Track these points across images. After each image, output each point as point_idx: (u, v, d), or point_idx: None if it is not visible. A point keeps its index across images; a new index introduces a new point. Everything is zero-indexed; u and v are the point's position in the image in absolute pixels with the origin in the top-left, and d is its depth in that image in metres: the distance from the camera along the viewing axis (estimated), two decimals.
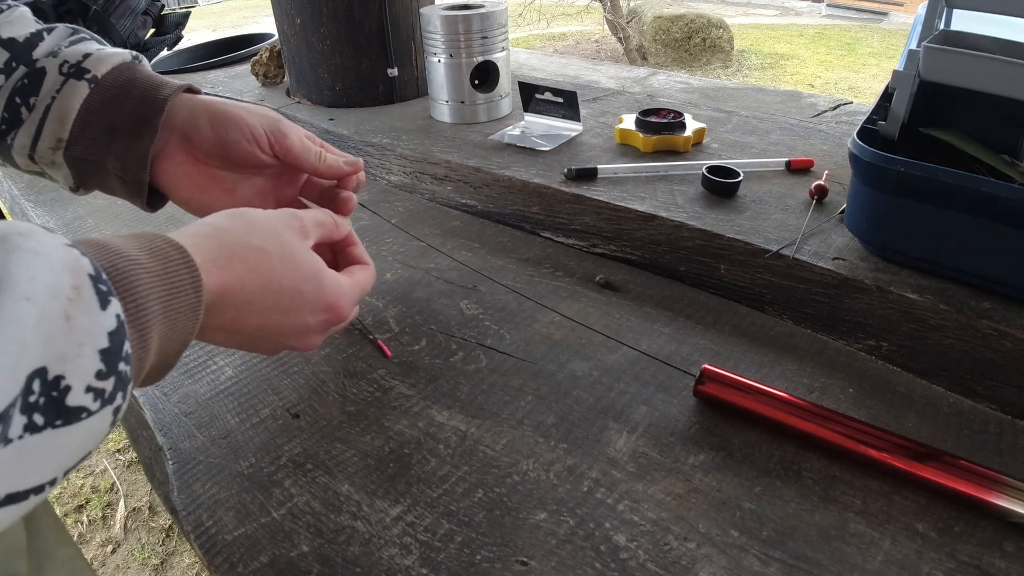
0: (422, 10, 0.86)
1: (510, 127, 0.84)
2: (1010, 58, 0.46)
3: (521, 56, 1.32)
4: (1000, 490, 0.37)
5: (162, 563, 1.35)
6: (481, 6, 0.85)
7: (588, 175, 0.68)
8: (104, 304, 0.25)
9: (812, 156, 0.70)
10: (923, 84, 0.51)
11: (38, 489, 0.24)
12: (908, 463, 0.39)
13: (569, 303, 0.58)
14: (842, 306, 0.52)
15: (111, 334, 0.25)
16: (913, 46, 0.52)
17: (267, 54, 1.08)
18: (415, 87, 0.98)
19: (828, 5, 7.96)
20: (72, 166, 0.43)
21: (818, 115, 0.89)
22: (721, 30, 5.83)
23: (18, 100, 0.42)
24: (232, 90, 1.08)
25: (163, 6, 1.17)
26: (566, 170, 0.69)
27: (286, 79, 1.05)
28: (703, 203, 0.63)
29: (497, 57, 0.85)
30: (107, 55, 0.44)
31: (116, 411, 0.26)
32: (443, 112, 0.88)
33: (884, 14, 7.52)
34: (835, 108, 0.92)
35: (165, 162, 0.44)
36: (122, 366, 0.25)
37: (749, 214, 0.60)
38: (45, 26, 0.45)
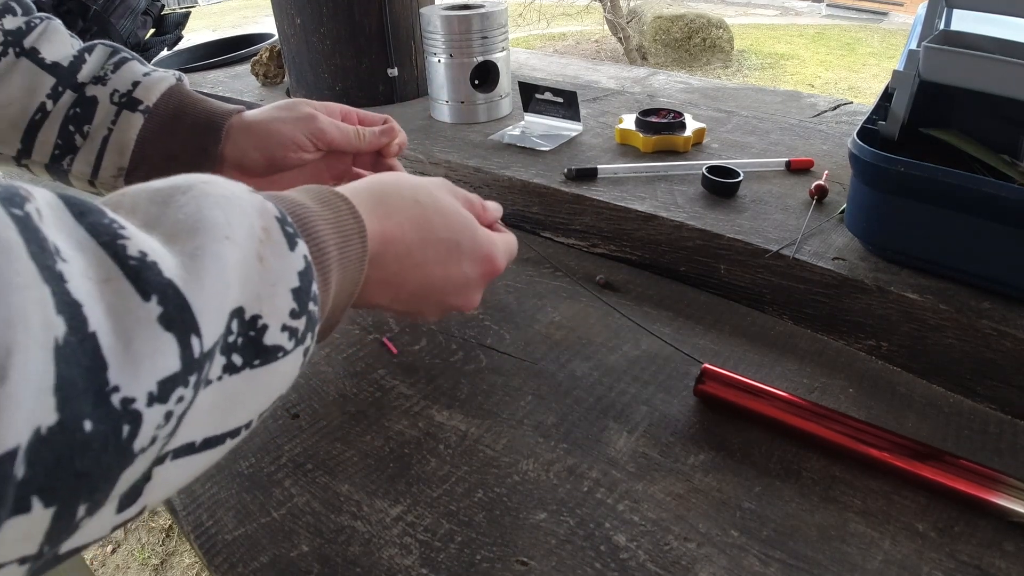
0: (422, 10, 0.86)
1: (510, 127, 0.84)
2: (1010, 58, 0.46)
3: (521, 56, 1.32)
4: (1000, 489, 0.37)
5: (162, 563, 1.35)
6: (481, 6, 0.85)
7: (588, 175, 0.68)
8: (292, 245, 0.26)
9: (812, 156, 0.70)
10: (923, 84, 0.51)
11: (234, 432, 0.24)
12: (908, 462, 0.39)
13: (569, 303, 0.58)
14: (842, 306, 0.52)
15: (300, 274, 0.25)
16: (913, 46, 0.52)
17: (267, 54, 1.08)
18: (415, 87, 0.98)
19: (828, 5, 7.96)
20: None
21: (818, 115, 0.89)
22: (721, 30, 5.83)
23: (71, 128, 0.44)
24: (232, 90, 1.08)
25: (163, 6, 1.16)
26: (566, 170, 0.69)
27: (286, 79, 1.05)
28: (703, 203, 0.63)
29: (497, 57, 0.85)
30: (154, 82, 0.46)
31: (306, 351, 0.26)
32: (443, 112, 0.88)
33: (884, 14, 7.52)
34: (835, 108, 0.92)
35: (222, 173, 0.47)
36: (311, 306, 0.26)
37: (749, 214, 0.60)
38: (83, 45, 0.46)
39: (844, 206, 0.58)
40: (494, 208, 0.45)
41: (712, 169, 0.65)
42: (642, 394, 0.48)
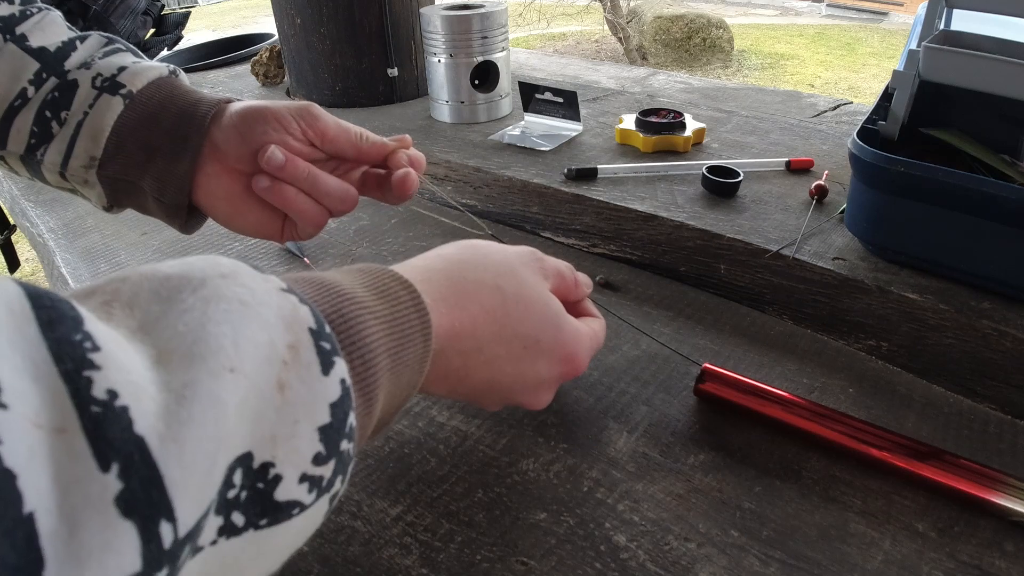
0: (422, 10, 0.86)
1: (510, 127, 0.84)
2: (1010, 58, 0.46)
3: (521, 56, 1.32)
4: (1000, 489, 0.37)
5: None
6: (481, 6, 0.85)
7: (588, 175, 0.68)
8: (327, 367, 0.20)
9: (812, 156, 0.70)
10: (923, 84, 0.51)
11: None
12: (909, 462, 0.39)
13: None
14: (842, 306, 0.52)
15: (334, 405, 0.20)
16: (913, 46, 0.52)
17: (267, 54, 1.08)
18: (415, 87, 0.98)
19: (828, 5, 7.96)
20: (106, 185, 0.41)
21: (818, 115, 0.89)
22: (721, 30, 5.83)
23: (48, 114, 0.40)
24: (232, 90, 1.08)
25: (163, 6, 1.17)
26: (566, 170, 0.69)
27: (286, 79, 1.05)
28: (703, 203, 0.63)
29: (497, 57, 0.85)
30: (143, 68, 0.41)
31: (333, 498, 0.21)
32: (443, 112, 0.88)
33: (884, 14, 7.52)
34: (835, 108, 0.92)
35: (202, 178, 0.41)
36: (344, 444, 0.21)
37: (749, 214, 0.60)
38: (78, 34, 0.43)
39: (844, 206, 0.58)
40: (585, 283, 0.40)
41: (712, 169, 0.65)
42: (642, 394, 0.48)
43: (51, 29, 0.42)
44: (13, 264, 1.03)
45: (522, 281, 0.33)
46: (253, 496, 0.18)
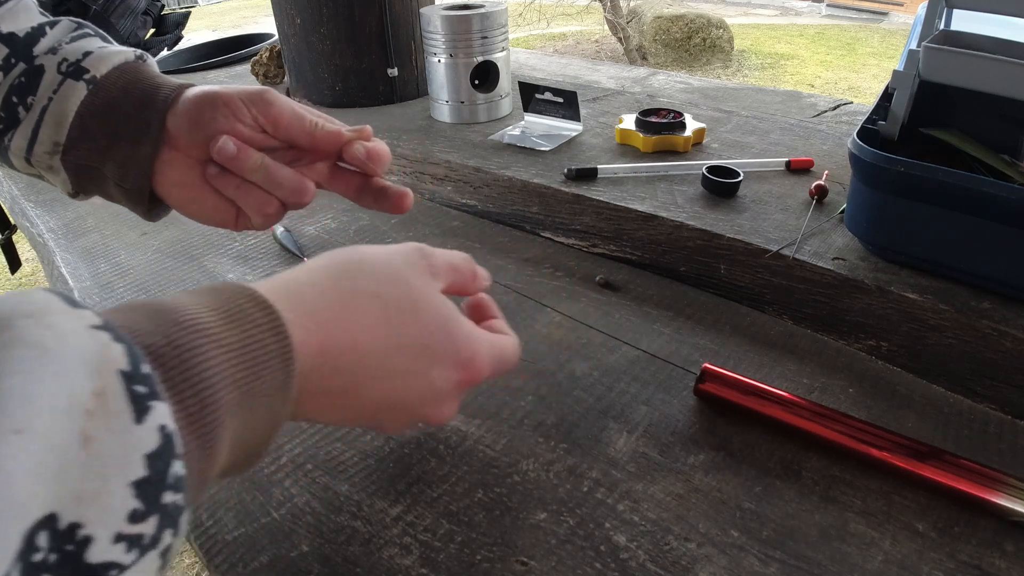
0: (422, 10, 0.86)
1: (510, 127, 0.84)
2: (1010, 58, 0.46)
3: (521, 56, 1.33)
4: (1000, 489, 0.37)
5: None
6: (481, 6, 0.85)
7: (588, 175, 0.68)
8: (141, 414, 0.18)
9: (812, 156, 0.70)
10: (923, 84, 0.51)
11: None
12: (909, 462, 0.39)
13: (569, 303, 0.58)
14: (842, 306, 0.52)
15: (151, 456, 0.18)
16: (913, 46, 0.52)
17: (267, 54, 1.08)
18: (415, 87, 0.98)
19: (828, 5, 7.96)
20: (70, 171, 0.41)
21: (818, 115, 0.89)
22: (721, 30, 5.83)
23: (15, 99, 0.39)
24: None
25: (163, 6, 1.17)
26: (566, 170, 0.69)
27: (286, 79, 1.05)
28: (703, 203, 0.63)
29: (497, 57, 0.85)
30: (108, 54, 0.40)
31: (165, 553, 0.19)
32: (443, 112, 0.88)
33: (884, 14, 7.52)
34: (835, 108, 0.92)
35: (159, 164, 0.41)
36: (168, 497, 0.19)
37: (749, 214, 0.60)
38: (48, 19, 0.42)
39: (844, 206, 0.58)
40: (484, 276, 0.37)
41: (712, 169, 0.65)
42: (642, 394, 0.48)
43: (24, 15, 0.41)
44: (14, 264, 1.03)
45: (406, 285, 0.30)
46: (62, 559, 0.16)
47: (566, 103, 0.80)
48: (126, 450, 0.18)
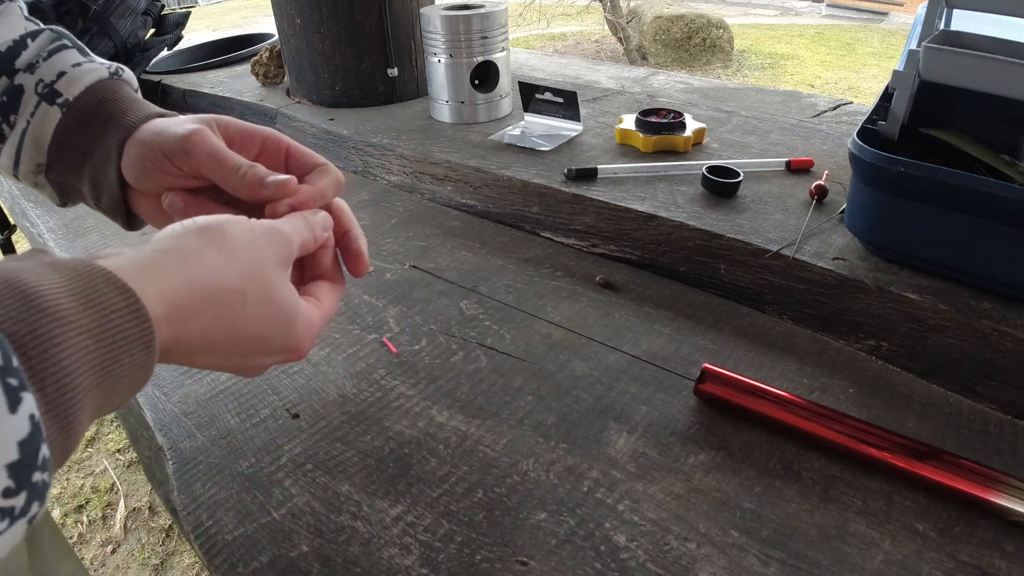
0: (422, 10, 0.86)
1: (510, 127, 0.84)
2: (1010, 58, 0.46)
3: (521, 56, 1.32)
4: (1000, 489, 0.37)
5: (162, 563, 1.35)
6: (481, 6, 0.85)
7: (588, 175, 0.68)
8: (14, 405, 0.20)
9: (812, 156, 0.70)
10: (923, 84, 0.51)
11: None
12: (909, 462, 0.39)
13: (569, 303, 0.58)
14: (842, 306, 0.52)
15: (23, 443, 0.20)
16: (913, 46, 0.52)
17: (267, 54, 1.08)
18: (415, 87, 0.98)
19: (828, 5, 7.96)
20: (54, 186, 0.42)
21: (818, 115, 0.89)
22: (721, 30, 5.83)
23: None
24: (232, 90, 1.08)
25: (163, 6, 1.17)
26: (566, 170, 0.69)
27: (286, 79, 1.05)
28: (703, 203, 0.63)
29: (497, 57, 0.85)
30: (80, 74, 0.40)
31: (31, 520, 0.22)
32: (443, 112, 0.88)
33: (884, 14, 7.52)
34: (835, 108, 0.92)
35: (129, 193, 0.41)
36: (37, 476, 0.21)
37: (749, 214, 0.60)
38: (31, 30, 0.42)
39: (844, 206, 0.58)
40: (323, 226, 0.37)
41: (712, 169, 0.65)
42: (642, 394, 0.48)
43: (6, 24, 0.41)
44: None
45: (267, 282, 0.31)
46: None
47: (566, 103, 0.80)
48: (3, 438, 0.20)
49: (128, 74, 0.43)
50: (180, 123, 0.38)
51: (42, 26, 0.43)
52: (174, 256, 0.28)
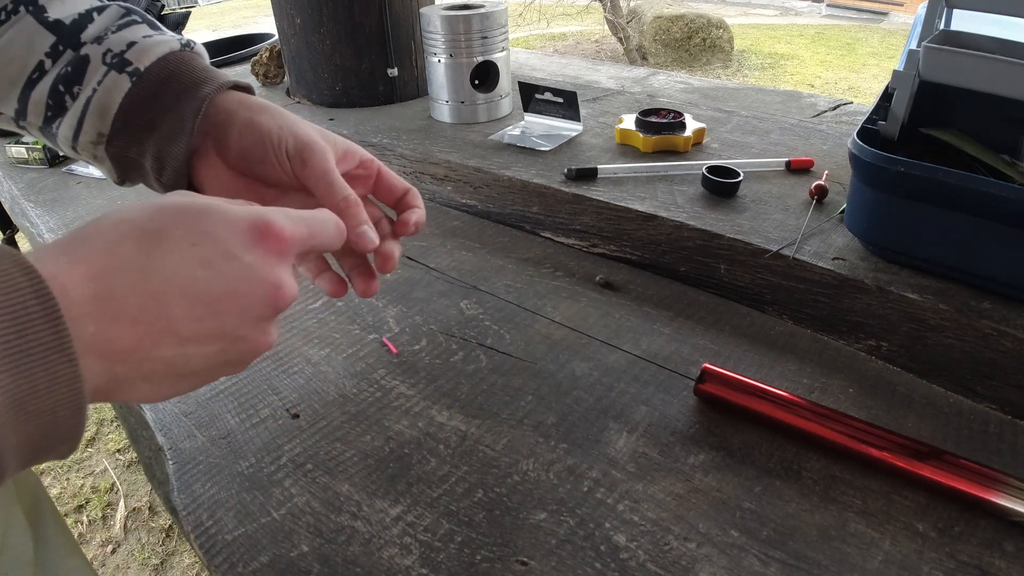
0: (422, 10, 0.86)
1: (510, 127, 0.84)
2: (1010, 58, 0.46)
3: (521, 56, 1.32)
4: (1000, 489, 0.37)
5: (162, 563, 1.35)
6: (481, 6, 0.85)
7: (588, 175, 0.68)
8: None
9: (812, 156, 0.70)
10: (923, 84, 0.51)
11: None
12: (909, 462, 0.39)
13: (569, 303, 0.58)
14: (842, 306, 0.52)
15: None
16: (913, 46, 0.52)
17: (267, 54, 1.08)
18: (415, 87, 0.98)
19: (828, 5, 7.96)
20: (114, 161, 0.41)
21: (818, 115, 0.89)
22: (721, 30, 5.83)
23: (62, 88, 0.40)
24: None
25: (163, 6, 1.16)
26: (566, 170, 0.69)
27: (286, 79, 1.05)
28: (703, 203, 0.63)
29: (497, 57, 0.85)
30: (152, 44, 0.40)
31: None
32: (443, 112, 0.88)
33: (884, 14, 7.52)
34: (835, 108, 0.92)
35: (200, 164, 0.40)
36: None
37: (749, 214, 0.60)
38: (96, 5, 0.42)
39: (844, 206, 0.58)
40: (342, 228, 0.34)
41: (712, 169, 0.65)
42: (642, 394, 0.48)
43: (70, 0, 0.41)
44: None
45: (200, 218, 0.26)
46: None
47: (566, 103, 0.80)
48: None
49: (200, 47, 0.43)
50: (300, 122, 0.38)
51: (109, 0, 0.43)
52: (128, 248, 0.25)
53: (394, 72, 0.94)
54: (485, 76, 0.86)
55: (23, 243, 2.33)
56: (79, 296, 0.23)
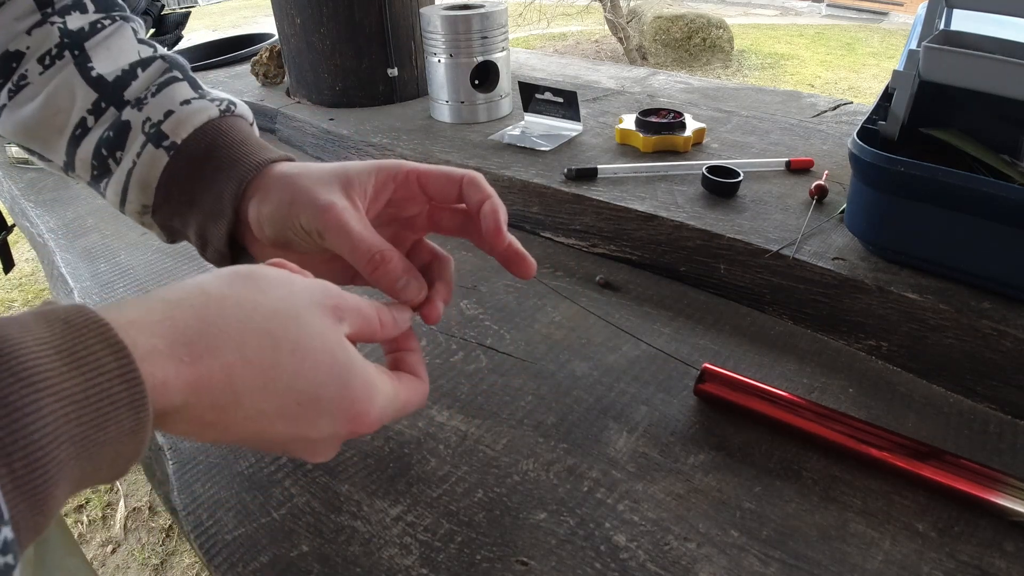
0: (422, 10, 0.86)
1: (510, 127, 0.84)
2: (1010, 58, 0.46)
3: (521, 56, 1.33)
4: (1000, 489, 0.37)
5: (162, 563, 1.35)
6: (481, 6, 0.85)
7: (588, 175, 0.68)
8: None
9: (812, 156, 0.70)
10: (923, 84, 0.51)
11: None
12: (909, 462, 0.39)
13: (569, 303, 0.58)
14: (842, 306, 0.52)
15: None
16: (913, 46, 0.52)
17: (267, 54, 1.08)
18: (415, 87, 0.98)
19: (828, 5, 7.96)
20: (162, 227, 0.41)
21: (818, 115, 0.89)
22: (721, 30, 5.83)
23: (104, 152, 0.39)
24: (232, 90, 1.08)
25: (163, 6, 1.16)
26: (566, 170, 0.69)
27: (286, 79, 1.05)
28: (703, 203, 0.63)
29: (497, 57, 0.85)
30: (189, 114, 0.38)
31: None
32: (443, 112, 0.88)
33: (884, 14, 7.53)
34: (835, 108, 0.92)
35: (247, 236, 0.39)
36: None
37: (749, 214, 0.60)
38: (141, 58, 0.41)
39: (844, 206, 0.58)
40: (401, 320, 0.34)
41: (712, 169, 0.65)
42: (642, 394, 0.48)
43: (117, 47, 0.40)
44: (8, 265, 1.02)
45: (303, 325, 0.27)
46: None
47: (566, 103, 0.80)
48: None
49: (242, 108, 0.41)
50: (314, 184, 0.35)
51: (156, 52, 0.42)
52: (195, 292, 0.26)
53: (394, 72, 0.94)
54: (485, 76, 0.86)
55: (23, 243, 2.33)
56: (177, 387, 0.24)
